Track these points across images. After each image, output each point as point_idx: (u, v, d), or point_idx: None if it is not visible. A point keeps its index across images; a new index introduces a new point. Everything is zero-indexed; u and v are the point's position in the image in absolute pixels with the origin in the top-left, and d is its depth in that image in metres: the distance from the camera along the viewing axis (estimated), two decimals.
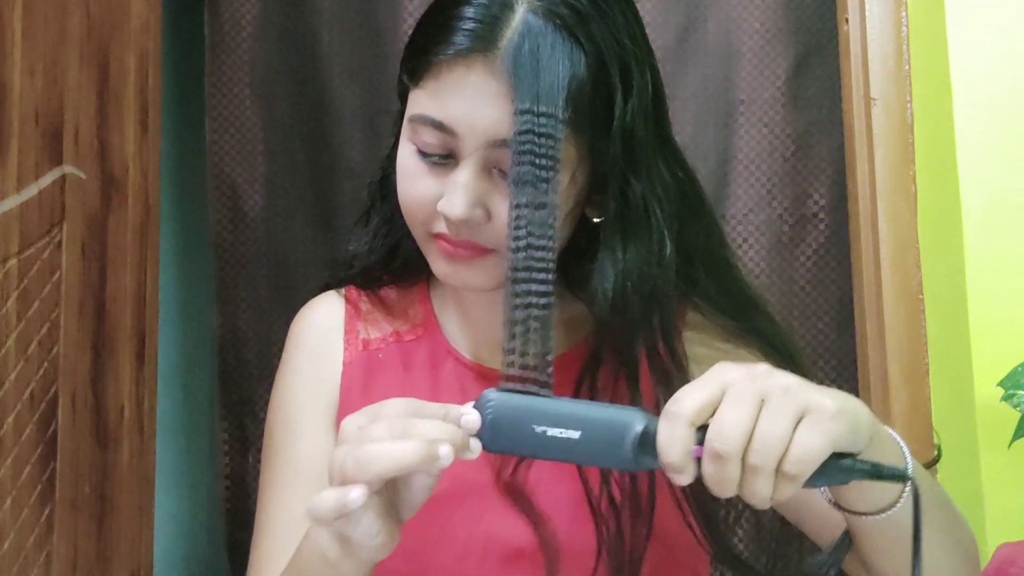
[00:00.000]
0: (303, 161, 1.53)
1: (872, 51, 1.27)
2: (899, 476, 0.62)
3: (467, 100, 0.74)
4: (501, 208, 0.76)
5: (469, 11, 0.75)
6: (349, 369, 0.91)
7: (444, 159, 0.78)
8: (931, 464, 0.88)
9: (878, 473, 0.61)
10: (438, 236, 0.80)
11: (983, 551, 1.07)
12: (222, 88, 1.52)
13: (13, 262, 1.01)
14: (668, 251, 0.79)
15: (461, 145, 0.76)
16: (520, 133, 0.70)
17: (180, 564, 1.66)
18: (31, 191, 1.04)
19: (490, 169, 0.77)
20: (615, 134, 0.76)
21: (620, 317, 0.78)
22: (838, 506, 0.69)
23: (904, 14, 1.26)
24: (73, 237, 1.12)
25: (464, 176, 0.76)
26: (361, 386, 0.90)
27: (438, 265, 0.82)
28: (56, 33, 1.09)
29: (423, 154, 0.78)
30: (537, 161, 0.69)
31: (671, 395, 0.74)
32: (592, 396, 0.81)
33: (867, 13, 1.28)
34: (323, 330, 0.94)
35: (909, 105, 1.26)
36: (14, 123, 1.00)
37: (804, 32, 1.46)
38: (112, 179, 1.22)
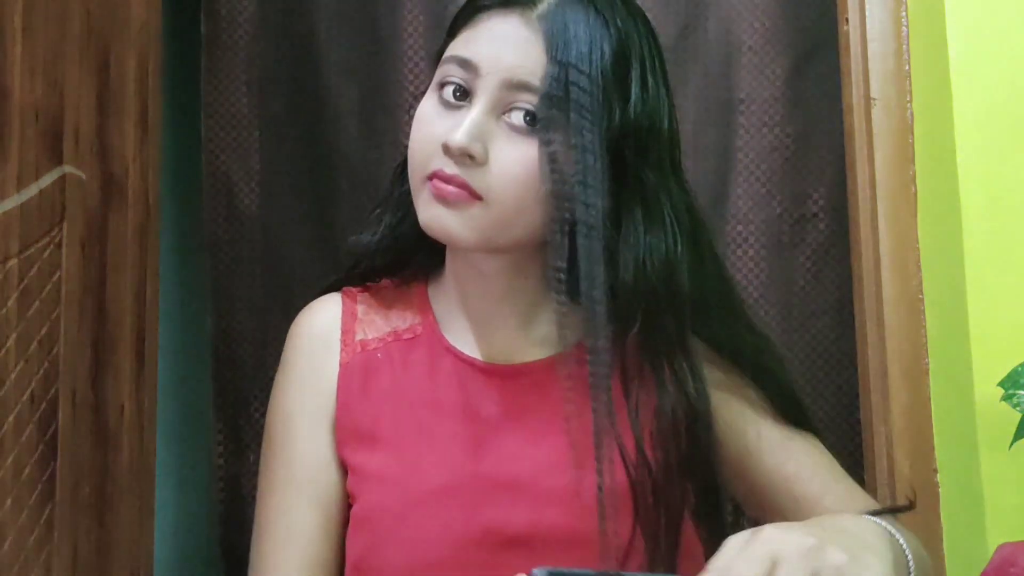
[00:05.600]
0: (299, 159, 1.53)
1: (872, 51, 1.27)
2: None
3: (496, 42, 0.81)
4: (499, 155, 0.80)
5: None
6: (346, 371, 0.92)
7: (460, 100, 0.82)
8: (905, 509, 0.89)
9: None
10: (433, 176, 0.82)
11: (983, 551, 1.08)
12: (218, 85, 1.52)
13: (13, 262, 1.00)
14: (681, 248, 0.84)
15: (480, 83, 0.81)
16: (558, 80, 0.77)
17: (180, 564, 1.66)
18: (31, 191, 1.03)
19: (501, 112, 0.81)
20: (629, 123, 0.81)
21: (643, 304, 0.79)
22: None
23: (904, 14, 1.26)
24: (73, 237, 1.12)
25: (475, 111, 0.81)
26: (359, 386, 0.91)
27: (425, 210, 0.84)
28: (56, 33, 1.09)
29: (442, 98, 0.83)
30: (580, 108, 0.76)
31: (688, 396, 0.77)
32: (625, 387, 0.83)
33: (867, 13, 1.28)
34: (320, 333, 0.95)
35: (909, 105, 1.26)
36: (14, 123, 1.00)
37: (804, 32, 1.46)
38: (112, 179, 1.22)
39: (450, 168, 0.81)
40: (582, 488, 0.82)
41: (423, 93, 0.88)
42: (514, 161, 0.80)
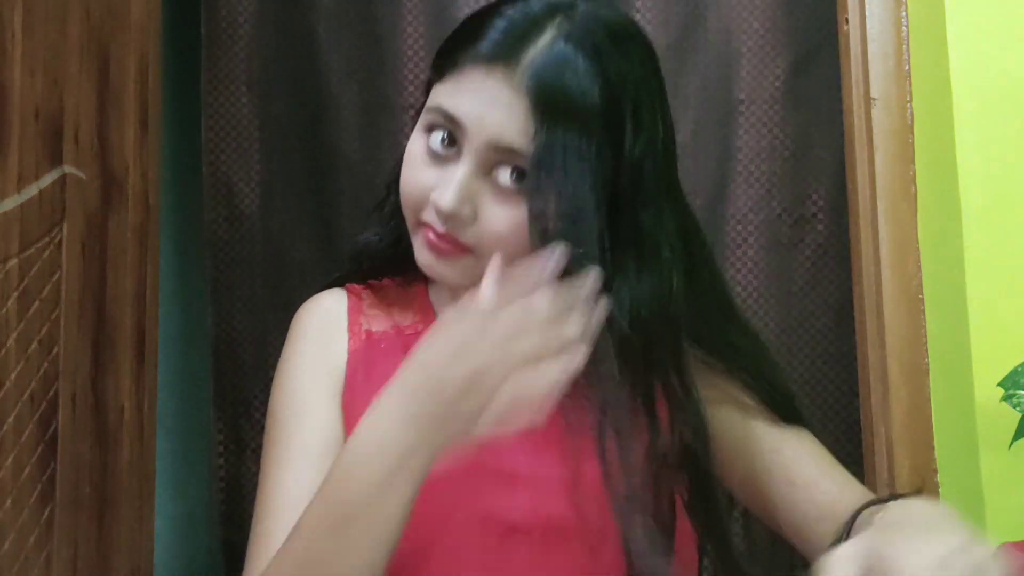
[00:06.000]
0: (299, 159, 1.53)
1: (872, 51, 1.27)
2: None
3: (480, 101, 0.79)
4: (487, 212, 0.81)
5: (501, 23, 0.80)
6: (353, 357, 0.93)
7: (448, 149, 0.82)
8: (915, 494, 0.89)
9: None
10: (425, 225, 0.83)
11: None
12: (218, 86, 1.51)
13: (13, 262, 1.00)
14: (676, 284, 0.84)
15: (465, 141, 0.80)
16: (546, 146, 0.76)
17: (179, 564, 1.67)
18: (31, 191, 1.04)
19: (487, 171, 0.81)
20: (624, 165, 0.81)
21: (637, 342, 0.80)
22: None
23: (904, 14, 1.26)
24: (73, 237, 1.12)
25: (460, 172, 0.80)
26: (364, 373, 0.92)
27: (420, 254, 0.85)
28: (56, 33, 1.09)
29: (430, 147, 0.82)
30: (569, 172, 0.76)
31: (685, 422, 0.82)
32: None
33: (867, 13, 1.28)
34: (328, 320, 0.96)
35: (909, 105, 1.26)
36: (14, 123, 1.00)
37: (804, 32, 1.46)
38: (112, 179, 1.22)
39: (440, 225, 0.82)
40: (579, 480, 0.83)
41: (423, 94, 0.89)
42: (502, 219, 0.81)
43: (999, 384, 1.04)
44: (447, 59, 0.83)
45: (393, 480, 0.71)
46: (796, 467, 0.89)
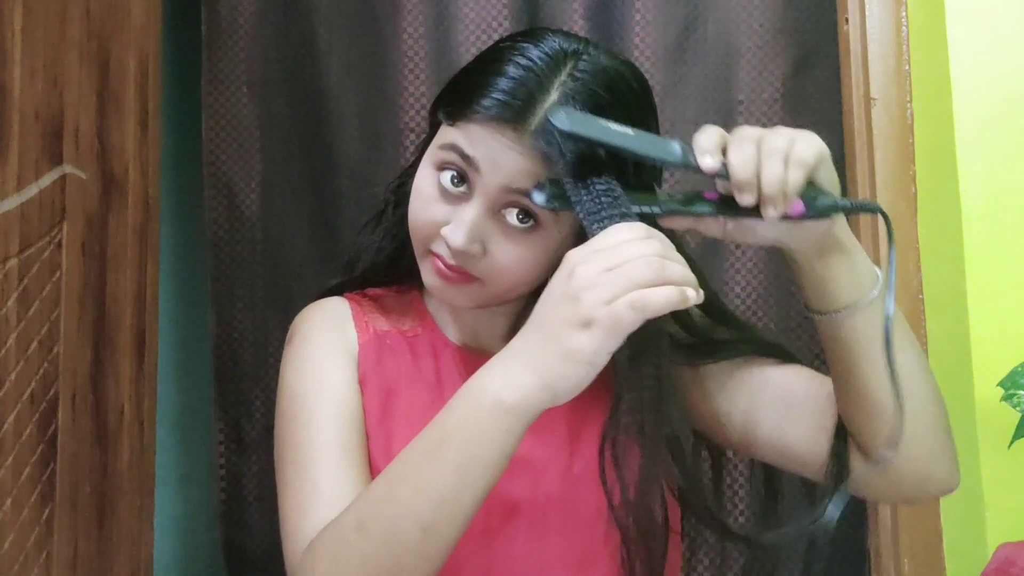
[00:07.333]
0: (300, 160, 1.52)
1: (872, 51, 1.27)
2: (872, 208, 0.79)
3: (493, 151, 0.82)
4: (495, 248, 0.84)
5: (506, 83, 0.82)
6: (364, 348, 0.95)
7: (458, 187, 0.85)
8: None
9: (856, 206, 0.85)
10: (434, 254, 0.87)
11: (983, 551, 1.08)
12: (219, 86, 1.51)
13: (13, 262, 1.00)
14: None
15: (479, 181, 0.83)
16: (551, 196, 0.79)
17: (179, 564, 1.66)
18: (31, 191, 1.04)
19: (496, 211, 0.84)
20: None
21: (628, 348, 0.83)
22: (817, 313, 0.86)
23: (904, 14, 1.26)
24: (73, 237, 1.12)
25: (472, 212, 0.83)
26: (374, 364, 0.94)
27: (429, 278, 0.89)
28: (56, 33, 1.09)
29: (441, 184, 0.86)
30: (603, 188, 0.77)
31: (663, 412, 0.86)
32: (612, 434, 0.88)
33: (867, 13, 1.28)
34: (335, 316, 0.98)
35: (909, 105, 1.26)
36: (14, 123, 1.00)
37: (804, 32, 1.46)
38: (112, 179, 1.22)
39: (450, 259, 0.85)
40: (573, 463, 0.88)
41: (423, 94, 0.90)
42: (510, 256, 0.85)
43: (999, 384, 1.04)
44: (455, 107, 0.85)
45: (496, 414, 0.73)
46: (796, 381, 0.95)
